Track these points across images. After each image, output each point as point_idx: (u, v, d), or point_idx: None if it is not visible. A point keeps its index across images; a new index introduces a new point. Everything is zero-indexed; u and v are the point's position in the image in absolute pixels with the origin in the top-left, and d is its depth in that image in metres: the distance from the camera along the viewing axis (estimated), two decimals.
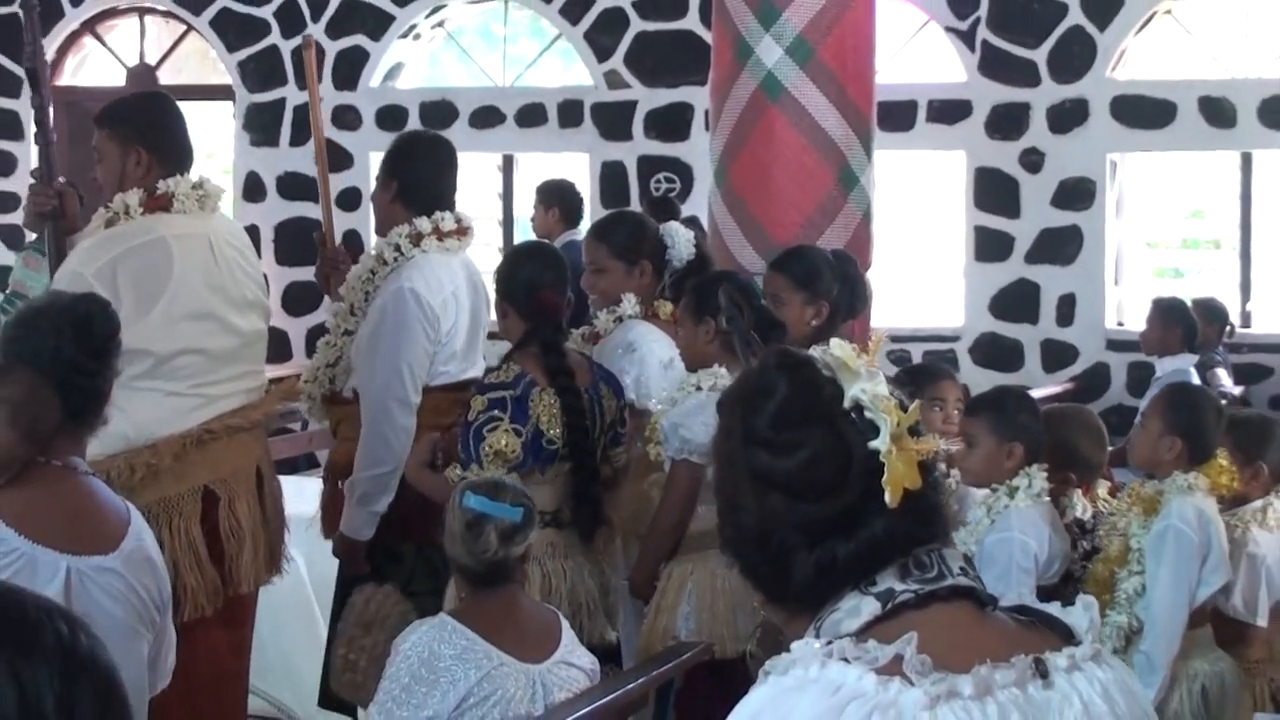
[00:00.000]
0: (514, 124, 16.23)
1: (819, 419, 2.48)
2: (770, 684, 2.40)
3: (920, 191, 15.40)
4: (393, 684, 5.38)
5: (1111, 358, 14.93)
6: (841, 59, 9.46)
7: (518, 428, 6.35)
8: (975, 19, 15.25)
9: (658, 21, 15.80)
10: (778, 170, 9.39)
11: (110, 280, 6.14)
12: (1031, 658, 2.41)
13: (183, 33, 17.19)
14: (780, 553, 2.50)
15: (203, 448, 6.36)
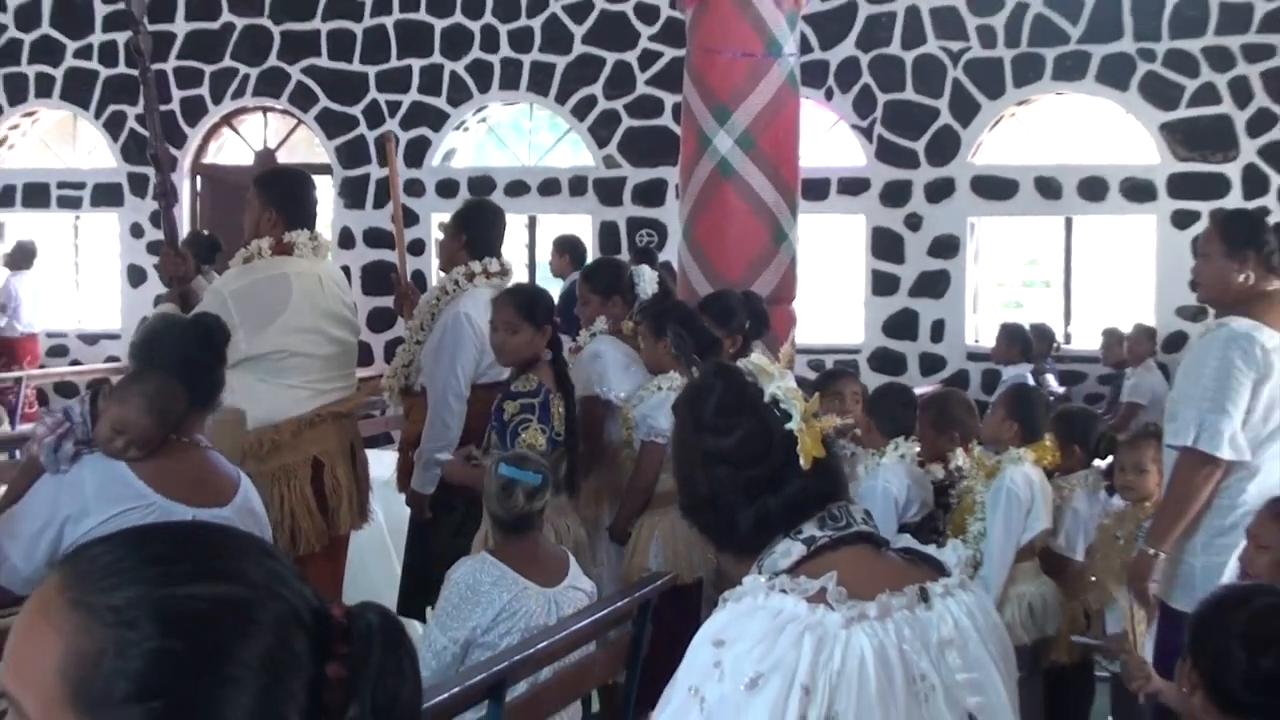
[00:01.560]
0: (536, 194, 16.20)
1: (748, 408, 2.58)
2: (728, 609, 2.43)
3: (832, 244, 15.36)
4: (445, 603, 5.37)
5: (970, 365, 14.94)
6: (775, 148, 9.47)
7: (544, 427, 6.37)
8: (873, 119, 15.23)
9: (642, 119, 15.75)
10: (729, 228, 9.40)
11: (243, 300, 6.27)
12: (918, 586, 2.45)
13: (295, 125, 17.14)
14: (727, 510, 2.58)
15: (313, 428, 6.44)
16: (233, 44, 16.84)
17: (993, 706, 2.45)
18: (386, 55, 16.46)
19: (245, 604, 1.50)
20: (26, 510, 4.11)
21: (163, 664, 1.44)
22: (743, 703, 2.29)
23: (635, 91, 15.81)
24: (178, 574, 1.49)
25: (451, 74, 16.31)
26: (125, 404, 4.16)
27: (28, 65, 17.46)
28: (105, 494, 4.05)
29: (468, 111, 16.38)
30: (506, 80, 16.22)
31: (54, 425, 4.21)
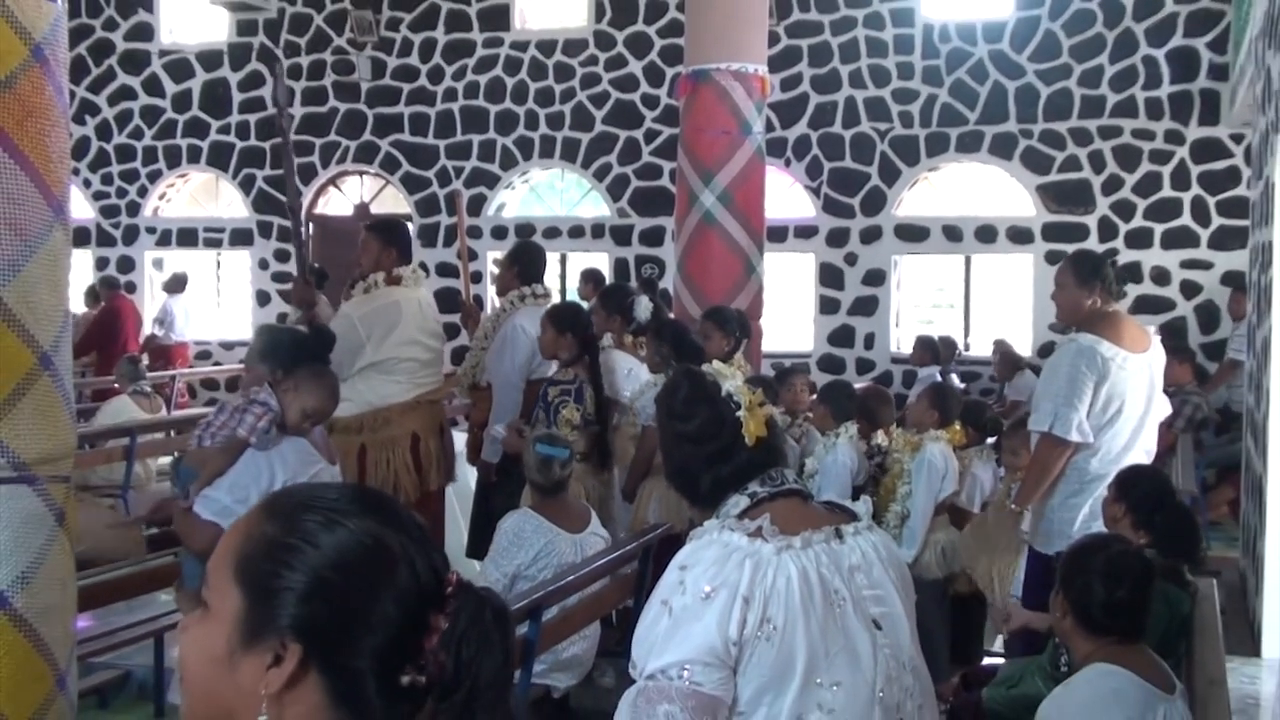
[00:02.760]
0: (566, 237, 16.21)
1: (706, 400, 2.68)
2: (691, 543, 2.54)
3: (789, 276, 15.35)
4: (496, 546, 5.40)
5: (894, 368, 14.93)
6: (747, 203, 9.50)
7: (578, 406, 6.41)
8: (820, 181, 15.23)
9: (646, 181, 15.77)
10: (711, 263, 9.43)
11: (368, 321, 6.45)
12: (834, 527, 2.55)
13: (384, 184, 17.13)
14: (693, 476, 2.68)
15: (412, 410, 6.61)
16: (337, 123, 16.85)
17: (893, 615, 2.52)
18: (453, 132, 16.47)
19: (394, 549, 1.51)
20: (245, 479, 4.16)
21: (321, 575, 1.48)
22: (699, 610, 2.38)
23: (641, 160, 15.81)
24: (350, 512, 1.53)
25: (502, 146, 16.33)
26: (314, 393, 4.21)
27: (181, 138, 17.48)
28: (302, 461, 4.16)
29: (515, 174, 16.39)
30: (544, 150, 16.22)
31: (261, 414, 4.24)
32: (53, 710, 3.07)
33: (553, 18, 16.38)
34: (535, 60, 16.15)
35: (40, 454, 3.03)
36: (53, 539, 3.08)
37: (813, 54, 15.17)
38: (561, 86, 16.05)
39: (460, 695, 1.48)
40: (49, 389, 3.05)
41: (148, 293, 17.70)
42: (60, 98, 3.09)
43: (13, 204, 2.93)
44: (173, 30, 17.63)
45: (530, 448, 5.59)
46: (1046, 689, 3.98)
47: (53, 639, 3.06)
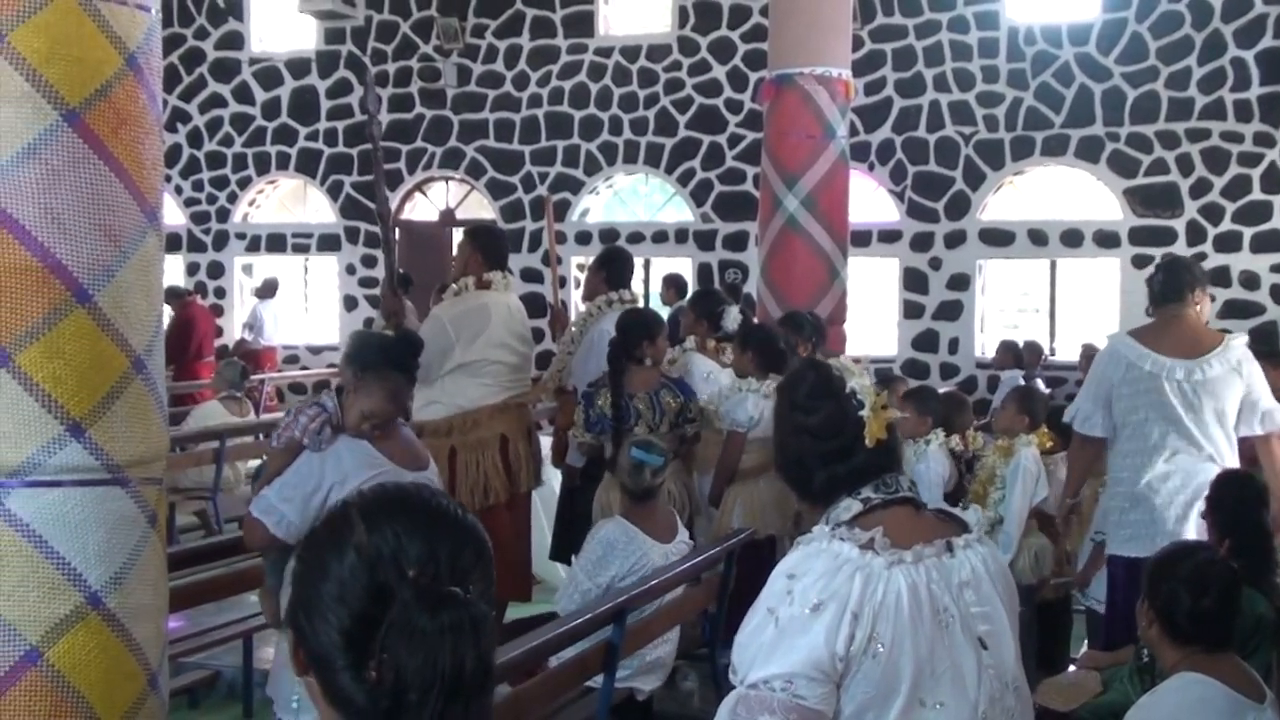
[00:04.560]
0: (650, 242, 16.21)
1: (831, 395, 2.57)
2: (800, 550, 2.43)
3: (873, 280, 15.24)
4: (590, 555, 5.38)
5: (978, 373, 14.79)
6: (831, 207, 9.43)
7: (588, 411, 6.45)
8: (904, 185, 15.13)
9: (729, 186, 15.74)
10: (795, 268, 9.37)
11: (457, 323, 6.46)
12: (945, 540, 2.45)
13: (469, 190, 17.24)
14: (807, 471, 2.58)
15: (502, 412, 6.59)
16: (423, 130, 16.98)
17: (997, 632, 2.44)
18: (538, 138, 16.54)
19: (347, 538, 1.52)
20: (297, 479, 4.13)
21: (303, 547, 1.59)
22: (807, 622, 2.31)
23: (724, 164, 15.78)
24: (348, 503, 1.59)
25: (586, 151, 16.36)
26: (373, 396, 4.19)
27: (270, 145, 17.70)
28: (358, 464, 4.09)
29: (599, 180, 16.42)
30: (628, 156, 16.23)
31: (315, 415, 4.24)
32: (145, 709, 3.09)
33: (636, 24, 16.40)
34: (619, 66, 16.17)
35: (133, 456, 3.06)
36: (145, 540, 3.11)
37: (897, 58, 15.06)
38: (645, 92, 16.06)
39: (384, 701, 1.46)
40: (142, 393, 3.08)
41: (237, 298, 17.94)
42: (154, 106, 3.12)
43: (107, 210, 2.97)
44: (262, 39, 17.86)
45: (624, 452, 5.56)
46: (1135, 695, 3.93)
47: (145, 639, 3.09)
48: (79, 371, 2.93)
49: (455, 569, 1.50)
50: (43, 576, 2.92)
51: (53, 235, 2.88)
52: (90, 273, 2.93)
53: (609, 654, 4.87)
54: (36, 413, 2.89)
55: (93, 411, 2.95)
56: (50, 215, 2.88)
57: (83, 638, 2.95)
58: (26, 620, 2.89)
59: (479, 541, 1.57)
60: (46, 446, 2.91)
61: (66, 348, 2.91)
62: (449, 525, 1.55)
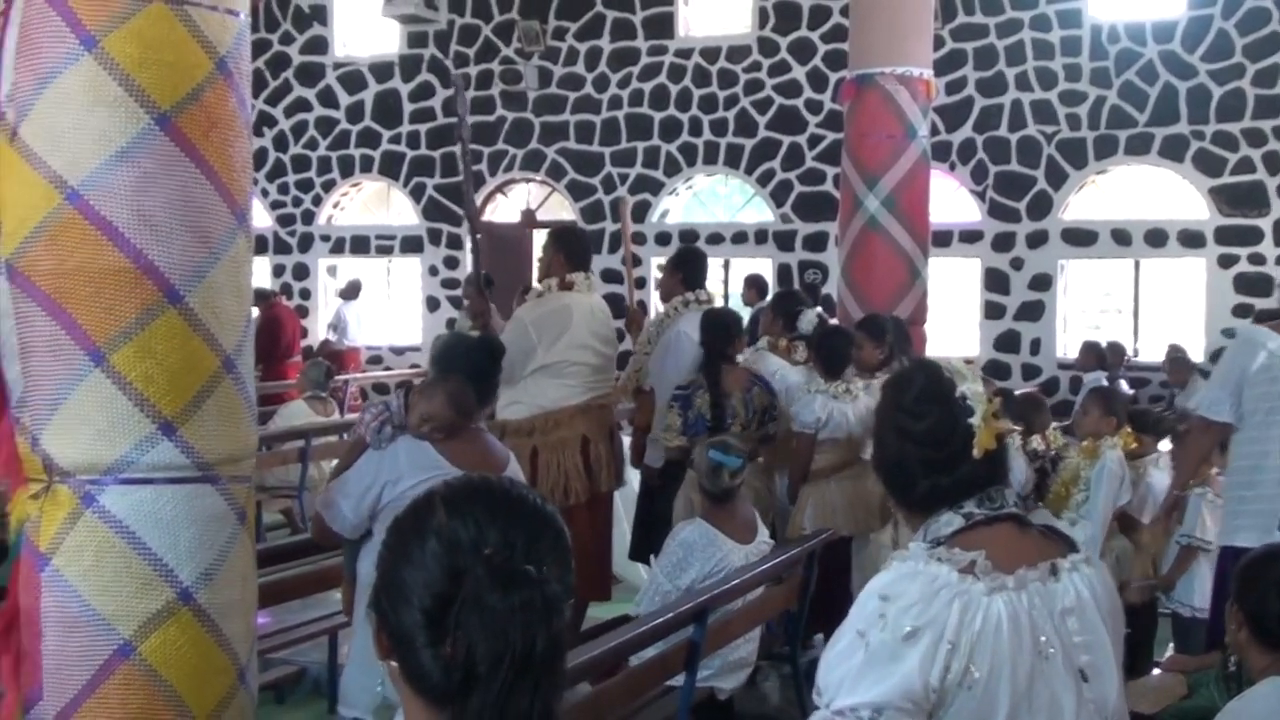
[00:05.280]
0: (730, 243, 16.18)
1: (940, 401, 2.38)
2: (895, 568, 2.30)
3: (954, 281, 15.10)
4: (670, 556, 5.37)
5: (1060, 374, 14.61)
6: (912, 207, 9.35)
7: (681, 413, 6.44)
8: (986, 185, 14.99)
9: (809, 186, 15.66)
10: (875, 269, 9.30)
11: (539, 324, 6.47)
12: (1050, 562, 2.31)
13: (550, 192, 17.31)
14: (908, 478, 2.40)
15: (583, 413, 6.58)
16: (504, 132, 17.06)
17: (1100, 663, 2.29)
18: (618, 139, 16.56)
19: (429, 524, 1.57)
20: (355, 476, 4.18)
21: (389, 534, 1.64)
22: (899, 649, 2.19)
23: (804, 165, 15.71)
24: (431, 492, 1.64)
25: (666, 153, 16.36)
26: (433, 399, 4.20)
27: (354, 148, 17.88)
28: (415, 465, 4.10)
29: (679, 181, 16.42)
30: (708, 157, 16.21)
31: (377, 414, 4.27)
32: (234, 704, 3.12)
33: (716, 25, 16.38)
34: (699, 67, 16.15)
35: (223, 455, 3.09)
36: (235, 537, 3.14)
37: (978, 57, 14.92)
38: (725, 93, 16.03)
39: (456, 674, 1.51)
40: (232, 392, 3.11)
41: (322, 299, 18.14)
42: (243, 109, 3.15)
43: (199, 212, 3.00)
44: (346, 43, 18.05)
45: (701, 454, 5.54)
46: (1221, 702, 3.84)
47: (234, 634, 3.12)
48: (170, 371, 2.96)
49: (531, 553, 1.54)
50: (136, 572, 2.95)
51: (145, 237, 2.92)
52: (182, 274, 2.97)
53: (690, 653, 4.86)
54: (129, 411, 2.93)
55: (184, 410, 2.99)
56: (143, 217, 2.91)
57: (174, 632, 2.98)
58: (120, 615, 2.93)
59: (557, 531, 1.60)
60: (139, 445, 2.94)
61: (158, 347, 2.95)
62: (527, 513, 1.59)
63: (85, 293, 2.89)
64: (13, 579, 3.01)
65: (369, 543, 4.13)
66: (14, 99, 2.90)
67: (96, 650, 2.92)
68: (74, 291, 2.89)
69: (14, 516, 3.01)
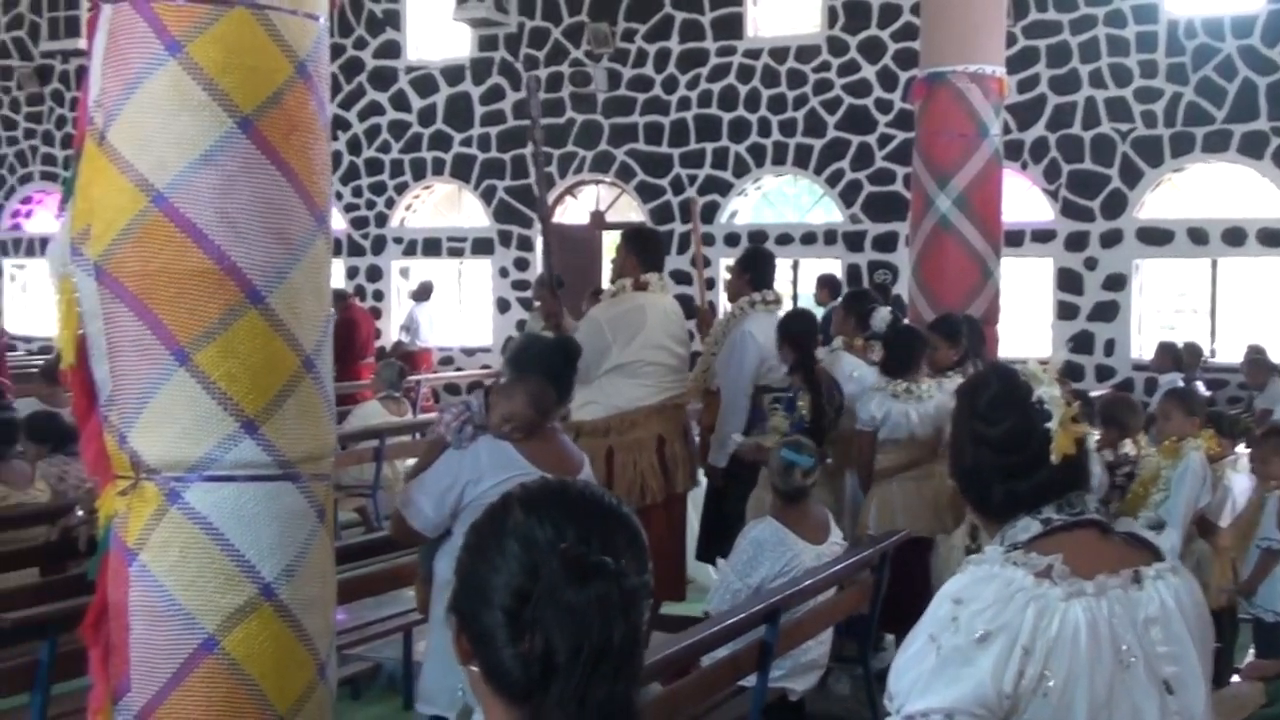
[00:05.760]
0: (799, 243, 16.14)
1: (1016, 406, 2.34)
2: (969, 572, 2.26)
3: (1026, 280, 14.96)
4: (740, 555, 5.38)
5: (1135, 375, 14.43)
6: (984, 207, 9.28)
7: (787, 414, 6.41)
8: (1058, 183, 14.85)
9: (879, 186, 15.59)
10: (947, 269, 9.24)
11: (614, 324, 6.50)
12: (1133, 570, 2.24)
13: (619, 193, 17.34)
14: (985, 484, 2.36)
15: (658, 414, 6.61)
16: (574, 134, 17.13)
17: (1185, 674, 2.22)
18: (687, 140, 16.57)
19: (508, 525, 1.58)
20: (436, 475, 4.21)
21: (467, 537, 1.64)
22: (972, 653, 2.16)
23: (874, 165, 15.64)
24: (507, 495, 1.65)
25: (735, 154, 16.36)
26: (513, 399, 4.23)
27: (426, 151, 18.03)
28: (495, 465, 4.13)
29: (747, 182, 16.41)
30: (777, 157, 16.18)
31: (457, 414, 4.31)
32: (314, 698, 3.17)
33: (785, 25, 16.35)
34: (768, 67, 16.13)
35: (303, 453, 3.13)
36: (314, 534, 3.18)
37: (1051, 54, 14.78)
38: (794, 93, 15.99)
39: (534, 668, 1.51)
40: (312, 391, 3.16)
41: (394, 301, 18.29)
42: (322, 112, 3.20)
43: (280, 214, 3.05)
44: (418, 47, 18.20)
45: (774, 453, 5.55)
46: None
47: (314, 630, 3.17)
48: (252, 370, 3.01)
49: (608, 547, 1.55)
50: (219, 568, 3.01)
51: (228, 238, 2.97)
52: (263, 275, 3.02)
53: (763, 654, 4.86)
54: (213, 410, 2.98)
55: (265, 409, 3.04)
56: (226, 219, 2.97)
57: (256, 627, 3.03)
58: (204, 609, 2.98)
59: (633, 530, 1.61)
60: (222, 443, 3.00)
61: (241, 347, 3.00)
62: (604, 511, 1.60)
63: (170, 293, 2.95)
64: (102, 573, 3.08)
65: (447, 542, 4.16)
66: (102, 104, 2.97)
67: (182, 644, 2.98)
68: (159, 292, 2.95)
69: (102, 512, 3.08)
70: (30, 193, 20.69)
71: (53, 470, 6.88)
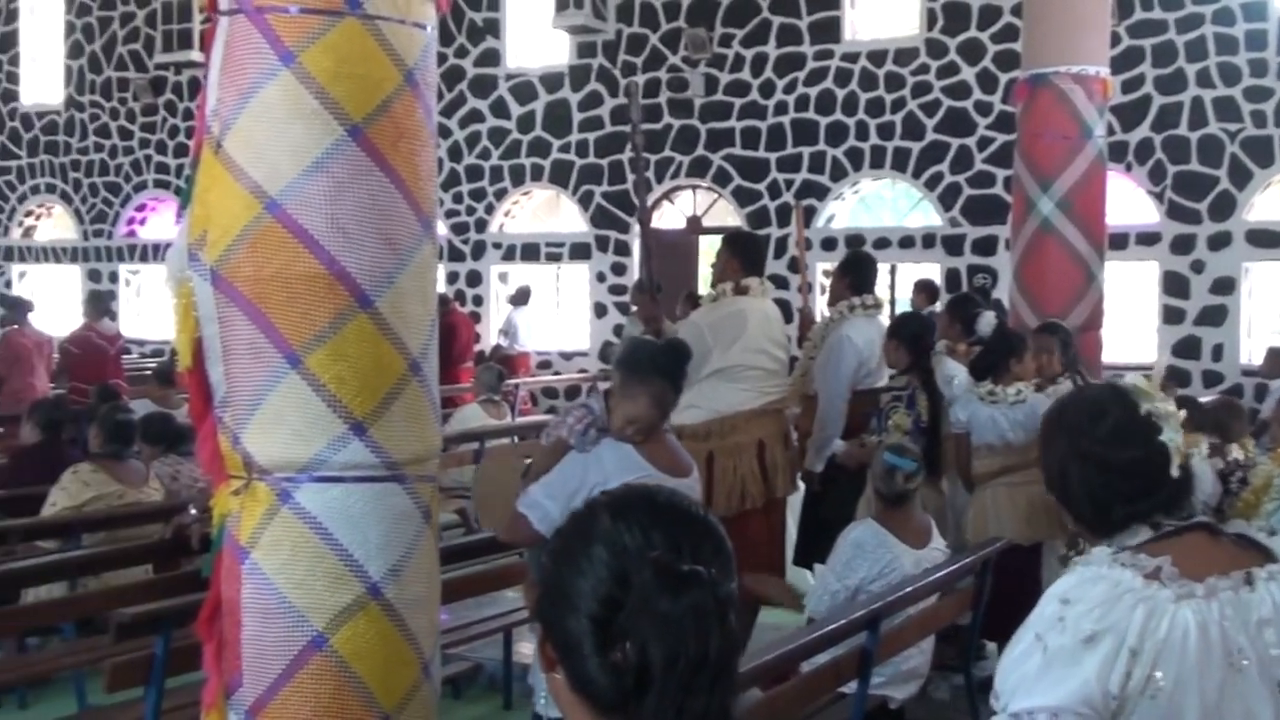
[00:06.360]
0: (897, 247, 16.02)
1: (1139, 433, 2.32)
2: (1076, 573, 2.25)
3: (1130, 284, 14.73)
4: (840, 556, 5.37)
5: (1245, 380, 14.13)
6: (1087, 209, 9.16)
7: (909, 412, 6.36)
8: (1164, 185, 14.59)
9: (978, 189, 15.44)
10: (1049, 273, 9.13)
11: (715, 329, 6.50)
12: (1245, 571, 2.22)
13: (715, 198, 17.34)
14: (1103, 506, 2.34)
15: (758, 418, 6.58)
16: (671, 139, 17.16)
17: None
18: (784, 145, 16.53)
19: (595, 531, 1.57)
20: (562, 477, 4.23)
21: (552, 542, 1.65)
22: (1078, 653, 2.14)
23: (974, 168, 15.49)
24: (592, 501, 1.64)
25: (833, 158, 16.29)
26: (637, 401, 4.26)
27: (525, 157, 18.17)
28: (620, 467, 4.15)
29: (845, 185, 16.33)
30: (874, 161, 16.09)
31: (580, 416, 4.34)
32: (419, 696, 3.21)
33: (883, 28, 16.25)
34: (865, 71, 16.04)
35: (410, 455, 3.18)
36: (420, 535, 3.22)
37: (1156, 54, 14.54)
38: (892, 96, 15.89)
39: (627, 679, 1.48)
40: (418, 394, 3.20)
41: (493, 305, 18.45)
42: (429, 120, 3.25)
43: (388, 220, 3.10)
44: (518, 55, 18.35)
45: (877, 456, 5.54)
46: None
47: (419, 629, 3.21)
48: (361, 373, 3.06)
49: (698, 555, 1.53)
50: (328, 567, 3.06)
51: (338, 244, 3.02)
52: (372, 279, 3.07)
53: (863, 660, 4.84)
54: (323, 412, 3.04)
55: (373, 411, 3.08)
56: (336, 225, 3.02)
57: (363, 626, 3.08)
58: (313, 607, 3.04)
59: (719, 538, 1.60)
60: (332, 444, 3.05)
61: (350, 351, 3.05)
62: (689, 520, 1.59)
63: (282, 297, 3.01)
64: (216, 570, 3.15)
65: None
66: (219, 113, 3.04)
67: (292, 641, 3.04)
68: (272, 296, 3.01)
69: (216, 511, 3.15)
70: (144, 200, 21.17)
71: (166, 470, 7.05)
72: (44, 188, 21.97)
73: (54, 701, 6.33)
